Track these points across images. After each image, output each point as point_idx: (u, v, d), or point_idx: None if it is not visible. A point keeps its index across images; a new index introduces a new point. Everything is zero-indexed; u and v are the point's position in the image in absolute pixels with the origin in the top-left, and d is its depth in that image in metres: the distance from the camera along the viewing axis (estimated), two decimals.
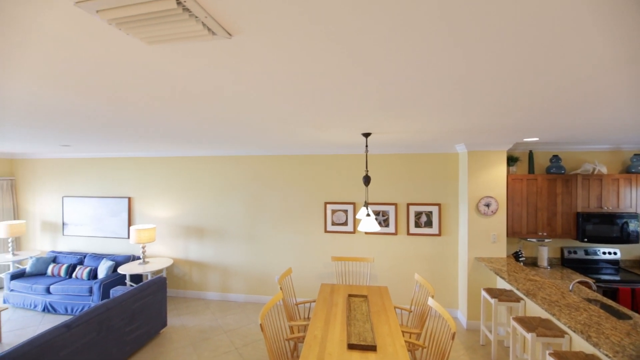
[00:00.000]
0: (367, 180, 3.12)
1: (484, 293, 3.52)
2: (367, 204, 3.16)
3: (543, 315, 3.01)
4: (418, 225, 4.57)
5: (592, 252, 4.19)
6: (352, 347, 2.38)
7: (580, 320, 2.35)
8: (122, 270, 4.57)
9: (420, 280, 3.40)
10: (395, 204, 4.63)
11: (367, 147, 3.76)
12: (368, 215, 2.99)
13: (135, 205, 5.46)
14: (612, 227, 3.87)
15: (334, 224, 4.81)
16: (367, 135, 3.04)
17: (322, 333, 2.62)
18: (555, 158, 4.10)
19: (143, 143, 3.93)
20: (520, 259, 4.12)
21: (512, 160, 4.22)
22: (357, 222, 4.75)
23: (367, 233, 4.72)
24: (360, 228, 2.92)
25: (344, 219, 4.78)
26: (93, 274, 4.91)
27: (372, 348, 2.36)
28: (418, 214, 4.57)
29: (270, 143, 3.93)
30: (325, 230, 4.82)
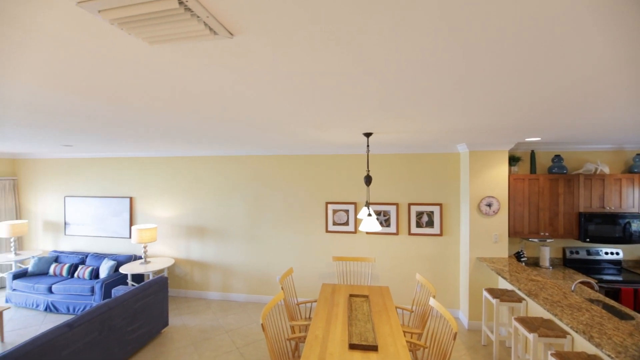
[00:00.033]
0: (368, 180, 3.12)
1: (486, 293, 3.51)
2: (368, 204, 3.16)
3: (545, 316, 3.00)
4: (419, 225, 4.57)
5: (594, 252, 4.17)
6: (353, 347, 2.38)
7: (583, 321, 2.34)
8: (123, 270, 4.58)
9: (422, 281, 3.39)
10: (397, 204, 4.62)
11: (368, 147, 3.76)
12: (369, 215, 2.98)
13: (137, 205, 5.47)
14: (614, 227, 3.86)
15: (335, 224, 4.80)
16: (368, 135, 3.04)
17: (323, 333, 2.62)
18: (557, 158, 4.09)
19: (144, 143, 3.93)
20: (522, 259, 4.11)
21: (513, 160, 4.21)
22: (358, 222, 4.75)
23: (368, 233, 4.72)
24: (362, 228, 2.91)
25: (345, 219, 4.78)
26: (95, 274, 4.92)
27: (373, 348, 2.36)
28: (419, 214, 4.57)
29: (271, 143, 3.93)
30: (327, 230, 4.82)
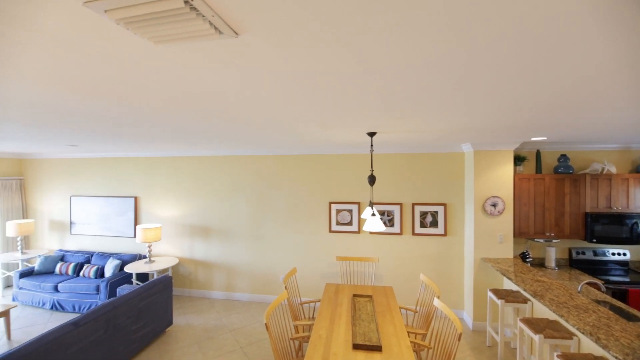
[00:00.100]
0: (372, 180, 3.11)
1: (491, 294, 3.48)
2: (372, 204, 3.15)
3: (551, 317, 2.97)
4: (423, 225, 4.55)
5: (600, 253, 4.13)
6: (357, 347, 2.37)
7: (589, 322, 2.32)
8: (128, 269, 4.61)
9: (426, 281, 3.38)
10: (401, 204, 4.61)
11: (372, 146, 3.74)
12: (373, 215, 2.98)
13: (142, 205, 5.51)
14: (621, 227, 3.81)
15: (339, 224, 4.80)
16: (372, 135, 3.03)
17: (327, 333, 2.62)
18: (563, 157, 4.05)
19: (149, 143, 3.96)
20: (528, 260, 4.08)
21: (519, 160, 4.17)
22: (362, 221, 4.74)
23: (372, 233, 4.71)
24: (365, 228, 2.91)
25: (349, 219, 4.77)
26: (100, 273, 4.96)
27: (377, 348, 2.35)
28: (423, 214, 4.55)
29: (275, 143, 3.94)
30: (330, 230, 4.82)
